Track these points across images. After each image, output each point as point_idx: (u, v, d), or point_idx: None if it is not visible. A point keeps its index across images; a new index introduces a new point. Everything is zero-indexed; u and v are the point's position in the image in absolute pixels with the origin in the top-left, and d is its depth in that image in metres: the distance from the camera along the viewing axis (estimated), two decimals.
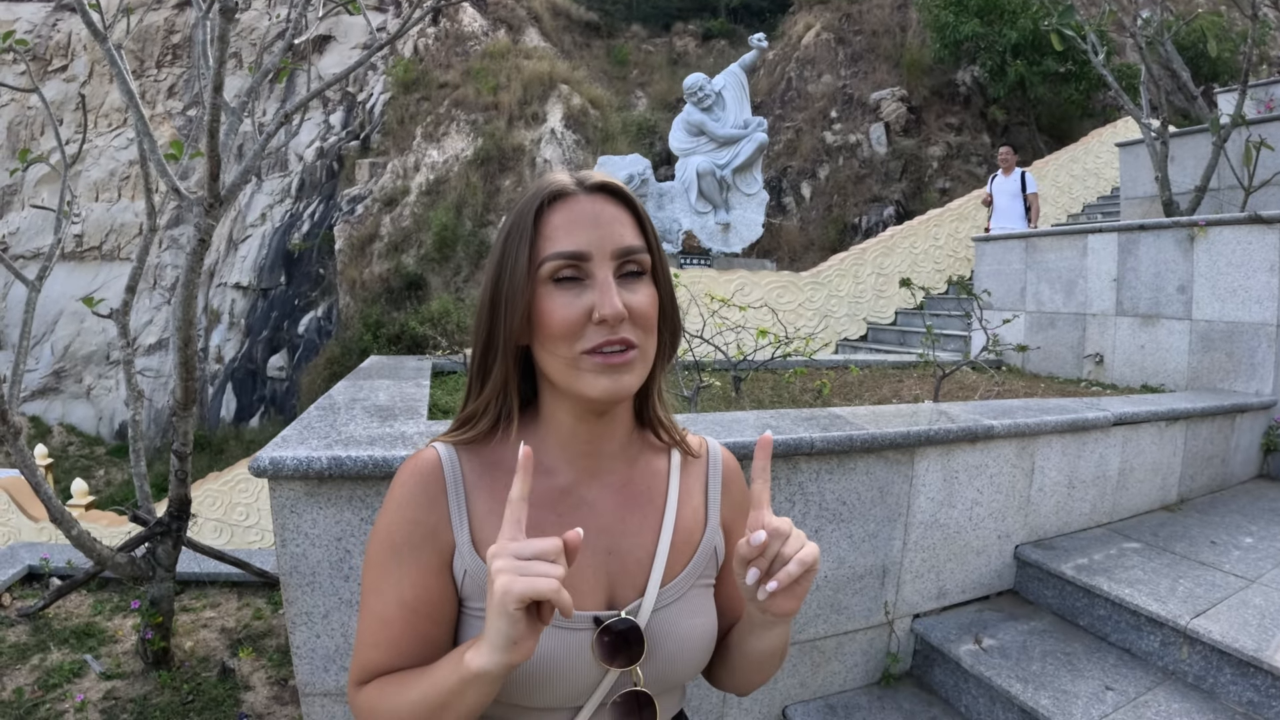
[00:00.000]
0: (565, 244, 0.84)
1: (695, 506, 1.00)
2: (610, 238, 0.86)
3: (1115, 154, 8.92)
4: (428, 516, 0.89)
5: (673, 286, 0.95)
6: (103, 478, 14.20)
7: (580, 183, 0.88)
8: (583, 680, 0.87)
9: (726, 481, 1.04)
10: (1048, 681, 2.37)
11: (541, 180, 0.90)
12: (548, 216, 0.87)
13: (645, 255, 0.88)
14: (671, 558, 0.94)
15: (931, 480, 2.68)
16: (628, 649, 0.87)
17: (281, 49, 3.06)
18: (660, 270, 0.91)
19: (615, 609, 0.91)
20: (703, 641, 0.94)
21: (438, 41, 16.17)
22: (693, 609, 0.94)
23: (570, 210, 0.86)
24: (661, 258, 0.91)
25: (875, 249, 9.46)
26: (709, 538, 0.99)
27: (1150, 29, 6.18)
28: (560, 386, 0.88)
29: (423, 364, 3.97)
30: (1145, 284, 4.92)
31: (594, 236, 0.85)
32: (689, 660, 0.93)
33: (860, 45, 15.11)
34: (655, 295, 0.89)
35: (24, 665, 3.14)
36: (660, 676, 0.91)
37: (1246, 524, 3.44)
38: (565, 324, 0.84)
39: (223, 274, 15.52)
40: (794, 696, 2.57)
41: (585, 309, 0.84)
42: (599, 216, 0.86)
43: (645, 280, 0.88)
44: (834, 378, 4.86)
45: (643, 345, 0.87)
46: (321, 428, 2.15)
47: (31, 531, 8.65)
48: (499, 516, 0.84)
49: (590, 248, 0.85)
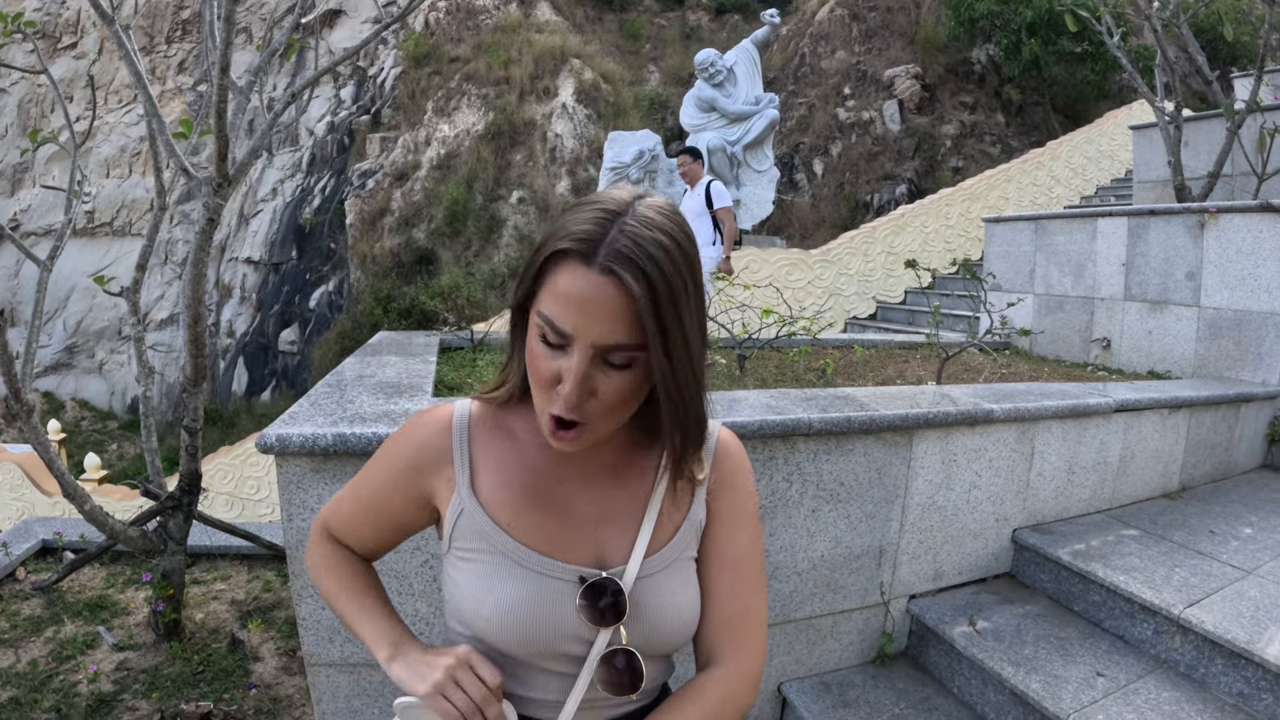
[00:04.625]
0: (554, 315, 0.83)
1: (684, 483, 1.03)
2: (594, 331, 0.82)
3: (1129, 137, 8.81)
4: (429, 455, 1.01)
5: (692, 372, 0.87)
6: (115, 452, 14.35)
7: (594, 256, 0.81)
8: (564, 629, 0.93)
9: (719, 458, 1.05)
10: (1039, 666, 2.40)
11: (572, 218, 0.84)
12: (552, 271, 0.84)
13: (634, 353, 0.83)
14: (657, 531, 0.98)
15: (930, 463, 2.71)
16: (613, 607, 0.92)
17: (290, 25, 3.06)
18: (663, 356, 0.83)
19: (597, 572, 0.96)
20: (686, 612, 0.98)
21: (448, 15, 16.05)
22: (677, 580, 0.98)
23: (573, 282, 0.82)
24: (669, 343, 0.83)
25: (886, 227, 9.40)
26: (695, 511, 1.03)
27: (1167, 11, 6.09)
28: None
29: (431, 340, 3.98)
30: (1154, 269, 4.90)
31: (580, 323, 0.82)
32: (673, 629, 0.97)
33: (875, 21, 14.92)
34: (631, 384, 0.86)
35: (38, 637, 3.22)
36: (644, 643, 0.94)
37: (1247, 514, 3.44)
38: (539, 376, 0.88)
39: (234, 249, 15.56)
40: (790, 673, 2.62)
41: (556, 373, 0.85)
42: (593, 304, 0.81)
43: (627, 371, 0.85)
44: (838, 357, 4.86)
45: (593, 424, 0.87)
46: (329, 404, 2.19)
47: (45, 506, 8.78)
48: (493, 471, 0.99)
49: (574, 332, 0.82)
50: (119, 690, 2.91)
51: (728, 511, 1.04)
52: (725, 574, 1.02)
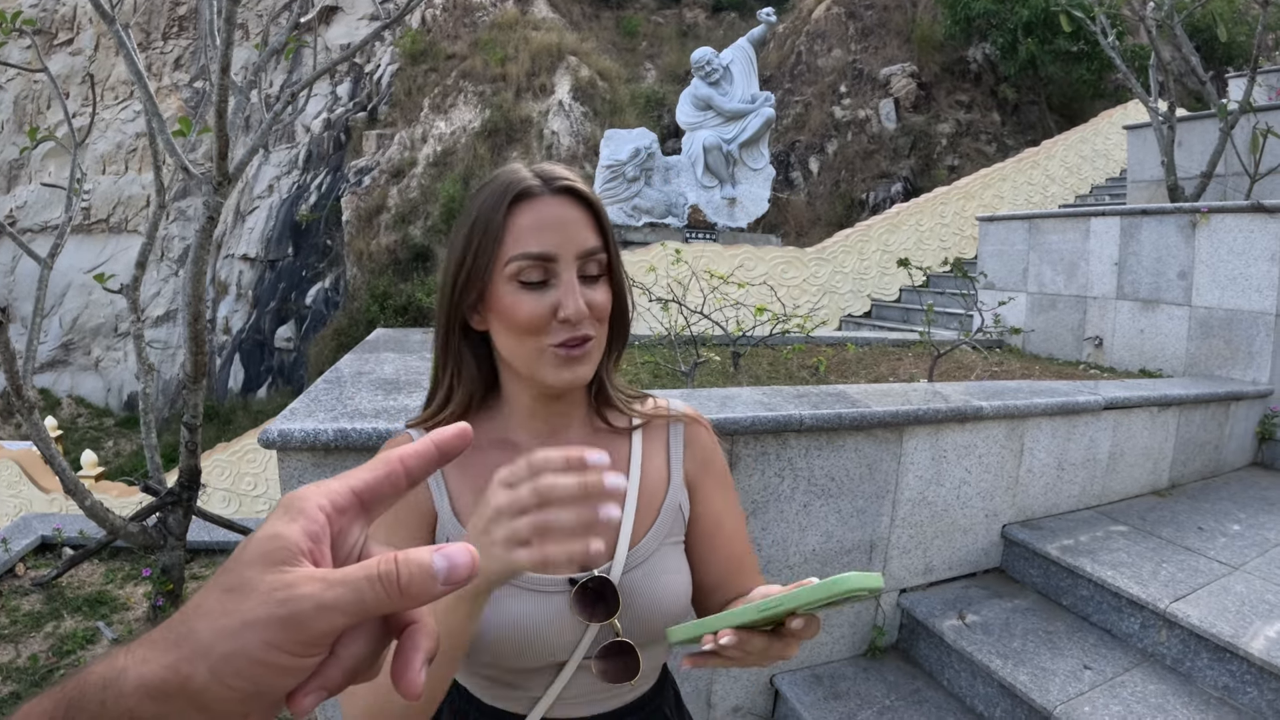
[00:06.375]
0: (533, 245, 0.89)
1: (657, 467, 1.05)
2: (574, 240, 0.90)
3: (1124, 136, 8.86)
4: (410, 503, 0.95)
5: (625, 282, 0.99)
6: (111, 449, 14.33)
7: (546, 183, 0.91)
8: (563, 639, 0.94)
9: (688, 440, 1.08)
10: (1028, 659, 2.44)
11: (503, 176, 0.93)
12: (514, 216, 0.90)
13: (604, 255, 0.93)
14: (637, 520, 1.00)
15: (920, 459, 2.74)
16: (605, 603, 0.93)
17: (290, 24, 3.08)
18: (615, 267, 0.96)
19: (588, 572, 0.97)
20: (676, 597, 1.00)
21: (445, 12, 16.04)
22: (663, 567, 1.00)
23: (537, 211, 0.90)
24: (616, 255, 0.96)
25: (881, 226, 9.44)
26: (672, 496, 1.04)
27: (1161, 11, 6.13)
28: (522, 374, 0.95)
29: (428, 336, 4.01)
30: (1146, 269, 4.94)
31: (560, 239, 0.89)
32: (665, 615, 0.98)
33: (871, 20, 14.94)
34: (606, 293, 0.94)
35: (38, 633, 3.24)
36: (638, 631, 0.96)
37: (1235, 511, 3.48)
38: (532, 321, 0.89)
39: (230, 246, 15.54)
40: (782, 666, 2.65)
41: (550, 307, 0.89)
42: (564, 219, 0.90)
43: (603, 280, 0.94)
44: (832, 355, 4.90)
45: (598, 336, 0.94)
46: (329, 400, 2.21)
47: (43, 503, 8.77)
48: (471, 490, 0.97)
49: (557, 250, 0.89)
50: None
51: (710, 490, 1.07)
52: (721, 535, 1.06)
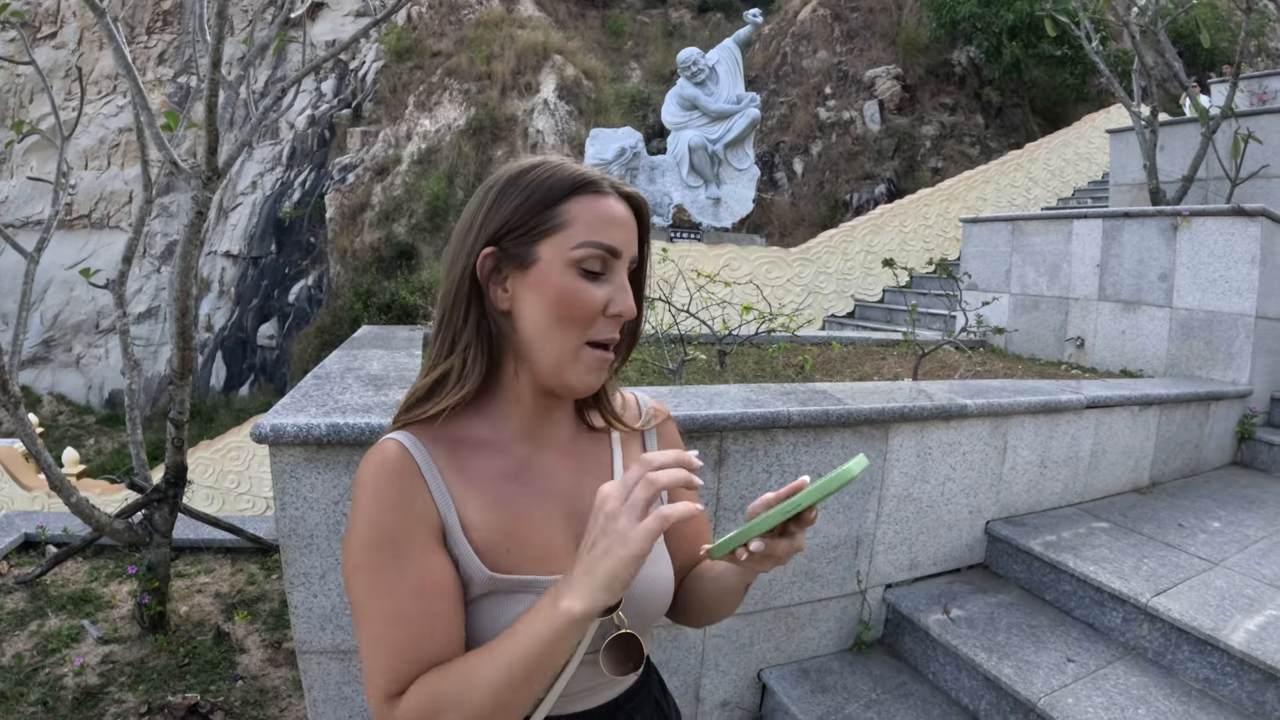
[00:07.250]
0: (604, 237, 0.91)
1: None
2: (632, 244, 0.95)
3: (1107, 140, 8.96)
4: (413, 501, 0.88)
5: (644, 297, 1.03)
6: (93, 446, 14.20)
7: (613, 185, 0.94)
8: None
9: (660, 433, 1.13)
10: (1012, 652, 2.47)
11: (562, 164, 0.93)
12: (580, 203, 0.91)
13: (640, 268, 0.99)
14: None
15: (905, 456, 2.77)
16: None
17: (280, 20, 3.08)
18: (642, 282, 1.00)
19: None
20: (663, 585, 1.02)
21: (431, 9, 15.98)
22: (652, 557, 1.02)
23: (609, 207, 0.92)
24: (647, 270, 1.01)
25: (865, 227, 9.51)
26: None
27: (1145, 17, 6.21)
28: (541, 367, 0.93)
29: (414, 334, 4.02)
30: (1128, 271, 5.00)
31: (626, 239, 0.93)
32: (655, 603, 1.01)
33: (857, 22, 15.03)
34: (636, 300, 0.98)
35: (22, 631, 3.22)
36: (634, 620, 0.98)
37: (1215, 509, 3.54)
38: (587, 310, 0.90)
39: (213, 242, 15.43)
40: (769, 660, 2.67)
41: (604, 300, 0.91)
42: (628, 222, 0.94)
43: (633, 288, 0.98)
44: (817, 354, 4.93)
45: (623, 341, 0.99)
46: (318, 396, 2.21)
47: (24, 500, 8.68)
48: (475, 494, 0.92)
49: (622, 248, 0.93)
50: (105, 683, 2.92)
51: None
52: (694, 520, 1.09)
